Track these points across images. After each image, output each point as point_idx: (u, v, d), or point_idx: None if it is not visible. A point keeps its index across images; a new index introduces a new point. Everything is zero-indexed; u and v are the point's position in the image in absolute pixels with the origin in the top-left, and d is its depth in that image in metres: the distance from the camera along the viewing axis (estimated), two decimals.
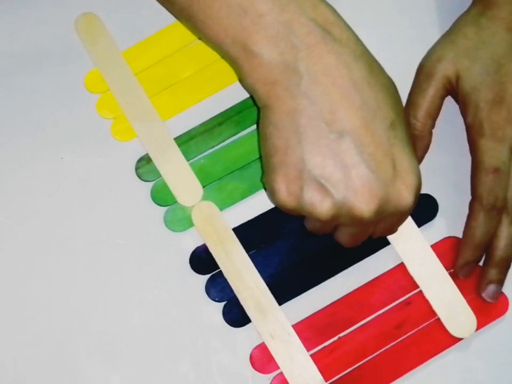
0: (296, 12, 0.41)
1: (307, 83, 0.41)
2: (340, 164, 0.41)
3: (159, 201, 0.50)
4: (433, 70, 0.50)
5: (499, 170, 0.47)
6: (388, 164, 0.41)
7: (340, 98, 0.41)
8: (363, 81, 0.41)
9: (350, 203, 0.41)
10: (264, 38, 0.41)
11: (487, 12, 0.49)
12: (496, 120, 0.48)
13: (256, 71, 0.42)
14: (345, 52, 0.41)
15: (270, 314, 0.48)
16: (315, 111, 0.41)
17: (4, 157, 0.52)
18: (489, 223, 0.48)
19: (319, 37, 0.41)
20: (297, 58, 0.41)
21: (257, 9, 0.42)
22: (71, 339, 0.48)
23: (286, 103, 0.41)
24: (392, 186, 0.41)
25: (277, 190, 0.42)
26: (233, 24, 0.42)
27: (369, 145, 0.41)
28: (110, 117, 0.52)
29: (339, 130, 0.41)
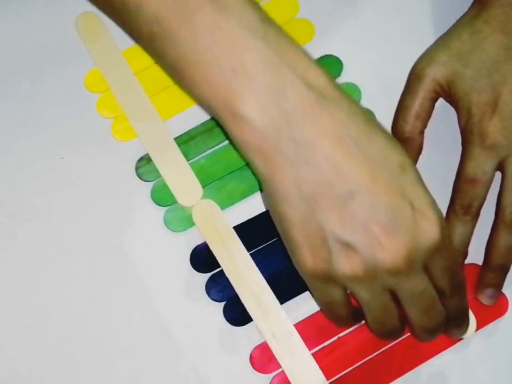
0: (289, 74, 0.40)
1: (306, 149, 0.39)
2: (359, 222, 0.39)
3: (159, 201, 0.50)
4: (424, 72, 0.50)
5: (475, 181, 0.47)
6: (406, 207, 0.40)
7: (342, 159, 0.39)
8: (362, 136, 0.40)
9: (380, 257, 0.39)
10: (255, 102, 0.39)
11: (482, 14, 0.49)
12: (486, 127, 0.47)
13: (249, 138, 0.40)
14: (339, 111, 0.40)
15: (272, 314, 0.48)
16: (320, 177, 0.39)
17: (4, 157, 0.51)
18: (462, 228, 0.48)
19: (313, 99, 0.39)
20: (292, 124, 0.39)
21: (248, 70, 0.39)
22: (71, 339, 0.48)
23: (289, 174, 0.40)
24: (416, 227, 0.40)
25: (306, 262, 0.41)
26: (222, 85, 0.40)
27: (383, 196, 0.39)
28: (110, 116, 0.52)
29: (349, 190, 0.39)
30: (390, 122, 0.52)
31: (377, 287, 0.41)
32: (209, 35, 0.40)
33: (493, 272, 0.48)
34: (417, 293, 0.41)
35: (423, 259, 0.40)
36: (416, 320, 0.43)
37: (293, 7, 0.54)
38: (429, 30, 0.53)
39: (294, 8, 0.54)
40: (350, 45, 0.53)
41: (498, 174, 0.49)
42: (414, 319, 0.43)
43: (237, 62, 0.39)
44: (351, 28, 0.53)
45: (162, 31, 0.41)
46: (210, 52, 0.40)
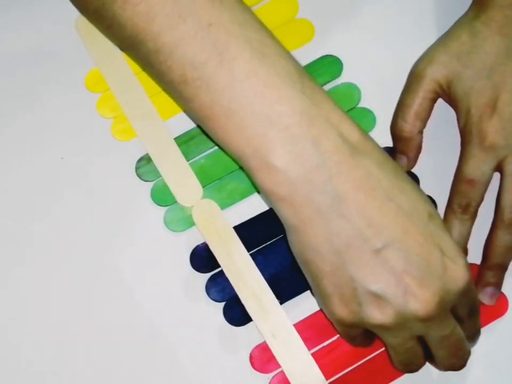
0: (324, 126, 0.40)
1: (339, 203, 0.39)
2: (391, 274, 0.40)
3: (159, 201, 0.50)
4: (423, 72, 0.50)
5: (474, 182, 0.48)
6: (436, 254, 0.40)
7: (375, 211, 0.40)
8: (393, 188, 0.40)
9: (413, 308, 0.40)
10: (290, 153, 0.39)
11: (481, 15, 0.49)
12: (486, 128, 0.48)
13: (280, 189, 0.40)
14: (371, 163, 0.40)
15: (272, 314, 0.48)
16: (353, 230, 0.39)
17: (4, 156, 0.51)
18: (461, 226, 0.48)
19: (347, 152, 0.40)
20: (326, 177, 0.39)
21: (284, 120, 0.39)
22: (71, 338, 0.48)
23: (320, 227, 0.40)
24: (446, 273, 0.40)
25: (336, 311, 0.42)
26: (257, 135, 0.39)
27: (414, 247, 0.40)
28: (110, 116, 0.52)
29: (382, 243, 0.40)
30: (390, 122, 0.51)
31: (406, 334, 0.42)
32: (247, 82, 0.40)
33: (492, 270, 0.48)
34: (446, 335, 0.42)
35: (453, 303, 0.41)
36: (444, 361, 0.44)
37: (292, 7, 0.54)
38: (429, 30, 0.53)
39: (294, 8, 0.54)
40: (350, 45, 0.53)
41: (497, 174, 0.49)
42: (443, 360, 0.44)
43: (273, 112, 0.39)
44: (351, 28, 0.53)
45: (198, 75, 0.40)
46: (246, 99, 0.40)
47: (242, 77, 0.40)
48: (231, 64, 0.40)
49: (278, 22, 0.53)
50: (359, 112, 0.52)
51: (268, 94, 0.40)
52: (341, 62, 0.53)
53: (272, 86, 0.40)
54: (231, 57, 0.40)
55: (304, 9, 0.54)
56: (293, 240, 0.42)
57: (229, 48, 0.40)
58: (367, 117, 0.52)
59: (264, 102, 0.40)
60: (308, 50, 0.53)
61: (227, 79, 0.40)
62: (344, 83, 0.53)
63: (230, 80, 0.40)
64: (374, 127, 0.52)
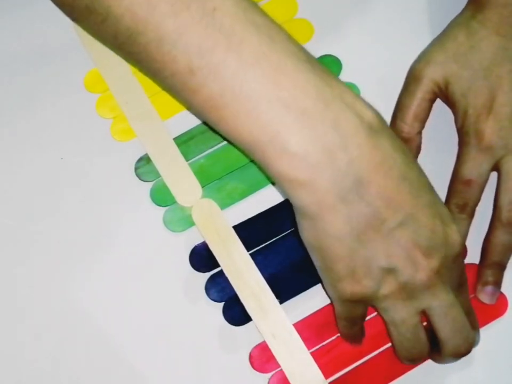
0: (340, 107, 0.39)
1: (360, 185, 0.39)
2: (403, 248, 0.40)
3: (159, 201, 0.50)
4: (422, 73, 0.50)
5: (471, 182, 0.48)
6: (439, 225, 0.41)
7: (392, 192, 0.40)
8: (405, 167, 0.40)
9: (418, 276, 0.41)
10: (309, 137, 0.38)
11: (477, 15, 0.49)
12: (482, 129, 0.48)
13: (299, 175, 0.39)
14: (387, 143, 0.40)
15: (271, 313, 0.48)
16: (373, 212, 0.39)
17: (4, 156, 0.52)
18: (458, 225, 0.48)
19: (366, 133, 0.39)
20: (348, 161, 0.38)
21: (300, 104, 0.38)
22: (71, 338, 0.48)
23: (341, 211, 0.39)
24: (447, 241, 0.41)
25: (346, 289, 0.42)
26: (272, 121, 0.38)
27: (424, 220, 0.41)
28: (109, 116, 0.52)
29: (397, 221, 0.40)
30: (389, 122, 0.52)
31: (412, 307, 0.42)
32: (258, 67, 0.38)
33: (491, 269, 0.48)
34: (448, 305, 0.43)
35: (449, 267, 0.42)
36: (449, 341, 0.44)
37: (292, 7, 0.54)
38: (428, 30, 0.53)
39: (293, 8, 0.54)
40: (349, 45, 0.53)
41: (494, 174, 0.49)
42: (447, 341, 0.44)
43: (288, 96, 0.38)
44: (350, 28, 0.53)
45: (205, 63, 0.39)
46: (259, 84, 0.38)
47: (252, 61, 0.38)
48: (239, 49, 0.38)
49: (277, 21, 0.53)
50: None
51: (281, 77, 0.38)
52: (340, 62, 0.53)
53: (284, 70, 0.38)
54: (239, 42, 0.38)
55: (303, 9, 0.54)
56: (307, 228, 0.41)
57: (236, 33, 0.38)
58: None
59: (278, 86, 0.38)
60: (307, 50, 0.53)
61: (237, 64, 0.38)
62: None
63: (240, 66, 0.38)
64: None
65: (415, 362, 0.46)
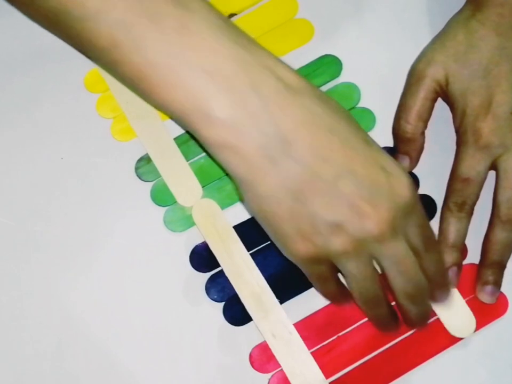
0: (261, 71, 0.40)
1: (286, 144, 0.40)
2: (345, 201, 0.41)
3: (159, 201, 0.50)
4: (424, 73, 0.50)
5: (469, 180, 0.48)
6: (381, 174, 0.41)
7: (323, 147, 0.40)
8: (333, 122, 0.41)
9: (367, 227, 0.41)
10: (232, 102, 0.39)
11: (477, 14, 0.49)
12: (480, 128, 0.48)
13: (226, 140, 0.40)
14: (310, 102, 0.41)
15: (271, 313, 0.48)
16: (304, 168, 0.40)
17: (4, 157, 0.52)
18: (458, 224, 0.48)
19: (286, 94, 0.40)
20: (270, 121, 0.39)
21: (221, 70, 0.39)
22: (71, 338, 0.48)
23: (273, 173, 0.40)
24: (393, 190, 0.41)
25: (298, 250, 0.42)
26: (195, 88, 0.39)
27: (362, 172, 0.41)
28: (109, 116, 0.52)
29: (332, 175, 0.40)
30: (390, 121, 0.52)
31: (365, 258, 0.43)
32: (178, 37, 0.39)
33: (490, 269, 0.48)
34: (400, 257, 0.43)
35: (402, 219, 0.42)
36: (400, 286, 0.44)
37: (292, 7, 0.54)
38: (428, 30, 0.53)
39: (294, 8, 0.54)
40: (349, 45, 0.53)
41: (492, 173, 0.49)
42: (399, 287, 0.44)
43: (210, 63, 0.39)
44: (350, 28, 0.53)
45: (129, 35, 0.40)
46: (181, 53, 0.39)
47: (173, 32, 0.39)
48: (161, 21, 0.39)
49: (278, 21, 0.53)
50: (358, 112, 0.52)
51: (202, 46, 0.39)
52: (341, 62, 0.53)
53: (205, 38, 0.40)
54: (160, 15, 0.40)
55: (303, 9, 0.54)
56: (246, 194, 0.42)
57: (157, 7, 0.40)
58: (366, 116, 0.52)
59: (199, 54, 0.39)
60: (307, 50, 0.53)
61: (159, 36, 0.39)
62: (343, 83, 0.53)
63: (161, 37, 0.39)
64: (374, 127, 0.52)
65: (378, 313, 0.46)
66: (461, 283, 0.49)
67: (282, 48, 0.53)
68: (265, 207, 0.41)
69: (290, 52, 0.53)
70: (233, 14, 0.54)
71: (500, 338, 0.49)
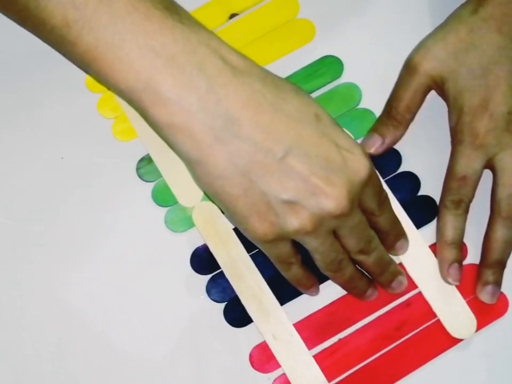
0: (205, 52, 0.41)
1: (232, 123, 0.41)
2: (298, 179, 0.41)
3: (160, 201, 0.50)
4: (419, 67, 0.50)
5: (466, 179, 0.48)
6: (333, 149, 0.42)
7: (267, 124, 0.41)
8: (278, 99, 0.42)
9: (326, 206, 0.41)
10: (179, 81, 0.40)
11: (480, 10, 0.49)
12: (477, 127, 0.48)
13: (175, 120, 0.41)
14: (253, 81, 0.42)
15: (272, 315, 0.48)
16: (251, 146, 0.41)
17: (4, 157, 0.52)
18: (455, 221, 0.49)
19: (230, 74, 0.41)
20: (216, 101, 0.40)
21: (168, 50, 0.40)
22: (70, 339, 0.49)
23: (221, 152, 0.41)
24: (347, 166, 0.42)
25: (256, 230, 0.42)
26: (144, 67, 0.40)
27: (312, 148, 0.41)
28: (111, 116, 0.52)
29: (281, 152, 0.41)
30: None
31: (324, 232, 0.43)
32: (128, 17, 0.40)
33: (491, 268, 0.48)
34: (356, 226, 0.44)
35: (359, 193, 0.43)
36: (353, 246, 0.45)
37: (293, 7, 0.54)
38: (429, 30, 0.53)
39: (295, 9, 0.54)
40: (350, 45, 0.53)
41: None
42: (352, 247, 0.45)
43: (157, 43, 0.40)
44: (351, 28, 0.53)
45: (79, 15, 0.40)
46: (130, 33, 0.40)
47: (123, 12, 0.40)
48: (110, 2, 0.40)
49: (279, 22, 0.54)
50: (359, 112, 0.52)
51: (150, 26, 0.40)
52: (342, 63, 0.53)
53: (153, 19, 0.41)
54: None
55: (304, 10, 0.54)
56: (197, 175, 0.42)
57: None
58: (367, 117, 0.52)
59: (147, 34, 0.40)
60: (309, 51, 0.53)
61: (108, 16, 0.40)
62: (345, 83, 0.53)
63: (111, 17, 0.40)
64: None
65: (347, 275, 0.47)
66: (461, 284, 0.48)
67: (284, 48, 0.53)
68: (217, 186, 0.42)
69: (292, 52, 0.53)
70: (234, 14, 0.54)
71: (500, 338, 0.48)
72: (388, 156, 0.51)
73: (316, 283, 0.48)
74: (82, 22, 0.41)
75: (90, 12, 0.40)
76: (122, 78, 0.41)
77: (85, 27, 0.41)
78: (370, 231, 0.46)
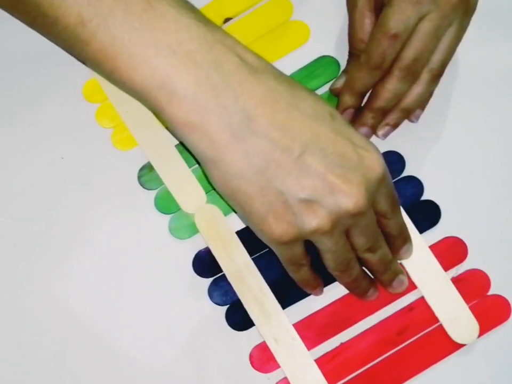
0: (222, 49, 0.41)
1: (249, 121, 0.40)
2: (315, 177, 0.41)
3: (163, 209, 0.51)
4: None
5: (397, 36, 0.47)
6: (349, 147, 0.42)
7: (284, 122, 0.41)
8: (294, 97, 0.42)
9: (344, 204, 0.41)
10: (195, 79, 0.40)
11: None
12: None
13: (191, 118, 0.40)
14: (269, 79, 0.42)
15: (274, 318, 0.48)
16: (268, 144, 0.41)
17: (4, 156, 0.52)
18: (370, 78, 0.49)
19: (246, 71, 0.41)
20: (233, 99, 0.40)
21: (185, 48, 0.40)
22: (71, 341, 0.49)
23: (238, 150, 0.41)
24: (363, 163, 0.42)
25: (273, 230, 0.42)
26: (160, 64, 0.40)
27: (328, 146, 0.41)
28: (109, 126, 0.52)
29: (298, 150, 0.41)
30: None
31: (339, 232, 0.43)
32: (144, 15, 0.40)
33: (373, 112, 0.49)
34: (368, 225, 0.44)
35: (374, 192, 0.43)
36: (361, 244, 0.45)
37: (287, 9, 0.54)
38: None
39: (289, 10, 0.54)
40: (345, 46, 0.53)
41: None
42: (361, 245, 0.45)
43: (174, 40, 0.40)
44: (346, 29, 0.53)
45: (95, 13, 0.40)
46: (147, 31, 0.40)
47: (138, 9, 0.40)
48: (126, 0, 0.40)
49: (273, 24, 0.53)
50: None
51: (166, 24, 0.40)
52: (338, 63, 0.53)
53: (169, 17, 0.41)
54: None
55: (298, 11, 0.54)
56: (213, 174, 0.42)
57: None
58: None
59: (164, 31, 0.40)
60: (304, 52, 0.53)
61: (124, 14, 0.40)
62: None
63: (127, 15, 0.40)
64: None
65: (353, 274, 0.47)
66: (464, 289, 0.49)
67: (279, 51, 0.53)
68: (234, 186, 0.42)
69: (288, 54, 0.53)
70: (228, 19, 0.53)
71: (502, 344, 0.49)
72: (392, 160, 0.51)
73: (321, 283, 0.49)
74: (97, 20, 0.40)
75: (105, 10, 0.40)
76: (138, 76, 0.41)
77: (100, 25, 0.40)
78: (378, 228, 0.46)
